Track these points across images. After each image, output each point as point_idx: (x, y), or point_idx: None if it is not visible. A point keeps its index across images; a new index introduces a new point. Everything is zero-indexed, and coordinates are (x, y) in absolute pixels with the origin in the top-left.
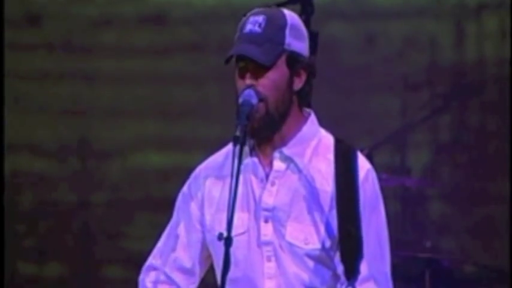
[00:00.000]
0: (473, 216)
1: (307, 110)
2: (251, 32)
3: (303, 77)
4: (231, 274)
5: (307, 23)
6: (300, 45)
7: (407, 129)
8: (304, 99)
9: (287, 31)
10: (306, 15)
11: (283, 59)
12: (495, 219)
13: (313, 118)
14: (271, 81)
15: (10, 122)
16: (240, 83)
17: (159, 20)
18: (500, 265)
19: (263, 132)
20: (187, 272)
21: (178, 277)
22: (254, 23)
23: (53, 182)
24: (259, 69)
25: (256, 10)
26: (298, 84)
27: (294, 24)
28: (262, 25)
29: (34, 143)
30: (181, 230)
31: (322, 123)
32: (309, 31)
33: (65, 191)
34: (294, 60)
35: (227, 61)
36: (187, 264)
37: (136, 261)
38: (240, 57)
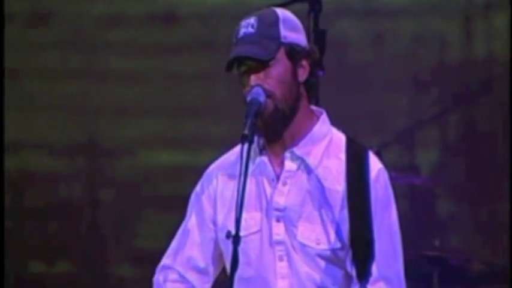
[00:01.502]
0: (482, 215)
1: (319, 109)
2: (245, 34)
3: (307, 67)
4: (244, 273)
5: (315, 21)
6: (296, 36)
7: (415, 127)
8: (311, 91)
9: (280, 25)
10: (314, 13)
11: (282, 52)
12: (503, 217)
13: (324, 117)
14: (275, 76)
15: (19, 120)
16: (246, 87)
17: (168, 17)
18: (508, 263)
19: (274, 128)
20: (201, 271)
21: (192, 276)
22: (247, 25)
23: (62, 181)
24: (261, 68)
25: (247, 15)
26: (302, 75)
27: (286, 17)
28: (255, 25)
29: (43, 141)
30: (194, 229)
31: (330, 121)
32: (317, 29)
33: (73, 189)
34: (293, 51)
35: (228, 68)
36: (201, 263)
37: (146, 260)
38: (240, 61)
